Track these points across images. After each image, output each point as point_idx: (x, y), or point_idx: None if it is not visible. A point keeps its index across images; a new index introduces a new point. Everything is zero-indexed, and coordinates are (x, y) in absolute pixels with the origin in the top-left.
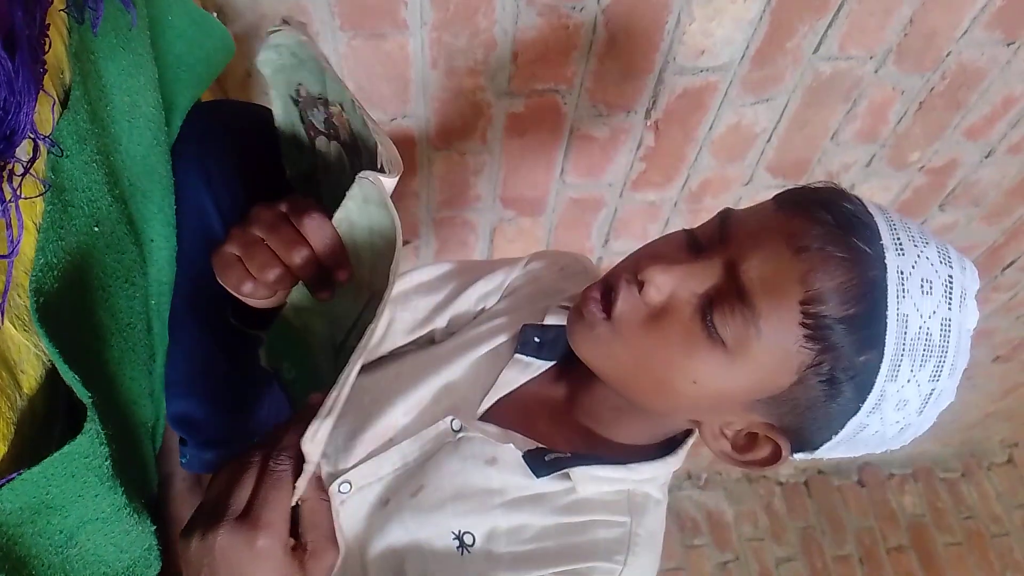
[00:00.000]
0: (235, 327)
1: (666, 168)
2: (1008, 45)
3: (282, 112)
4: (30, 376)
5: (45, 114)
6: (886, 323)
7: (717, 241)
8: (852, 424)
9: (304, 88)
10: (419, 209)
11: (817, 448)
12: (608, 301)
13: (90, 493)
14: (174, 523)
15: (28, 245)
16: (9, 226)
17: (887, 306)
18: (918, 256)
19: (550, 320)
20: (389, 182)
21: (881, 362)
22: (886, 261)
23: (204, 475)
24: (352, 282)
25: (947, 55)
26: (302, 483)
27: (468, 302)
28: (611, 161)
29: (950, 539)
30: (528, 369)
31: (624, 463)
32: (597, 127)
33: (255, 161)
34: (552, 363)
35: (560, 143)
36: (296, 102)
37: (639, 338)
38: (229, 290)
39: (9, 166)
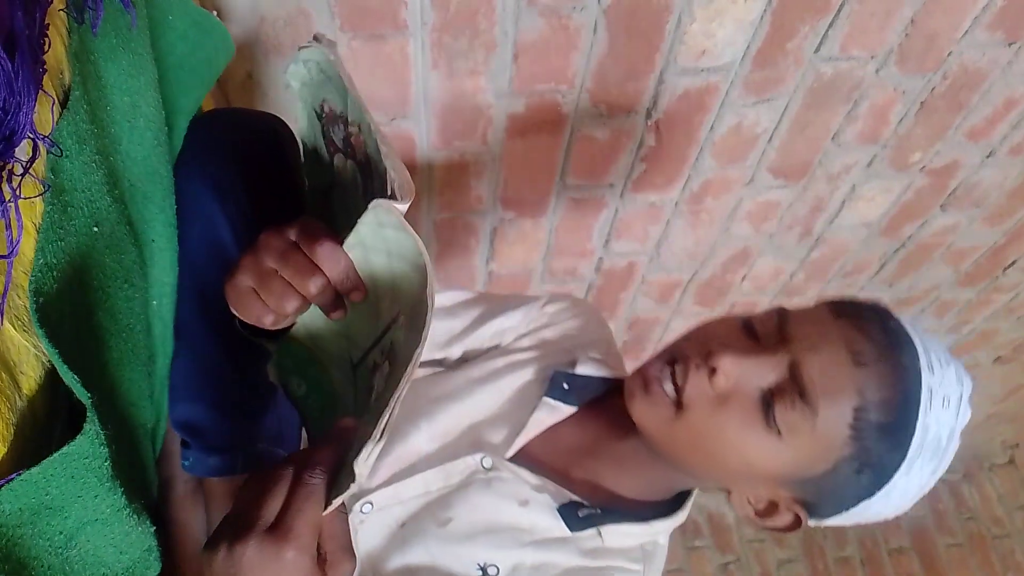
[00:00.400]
0: (242, 336)
1: (667, 169)
2: (1009, 46)
3: (306, 125)
4: (29, 377)
5: (44, 115)
6: (914, 431)
7: (776, 337)
8: (862, 505)
9: (328, 104)
10: (419, 211)
11: (826, 519)
12: (675, 379)
13: (90, 494)
14: (174, 526)
15: (28, 246)
16: (8, 227)
17: (917, 417)
18: (943, 376)
19: (581, 369)
20: (400, 207)
21: (902, 461)
22: (922, 380)
23: (206, 478)
24: (368, 301)
25: (948, 56)
26: (338, 501)
27: (484, 336)
28: (612, 162)
29: (951, 541)
30: (554, 413)
31: (645, 520)
32: (598, 128)
33: (260, 168)
34: (575, 408)
35: (561, 144)
36: (319, 117)
37: (702, 420)
38: (246, 320)
39: (8, 167)
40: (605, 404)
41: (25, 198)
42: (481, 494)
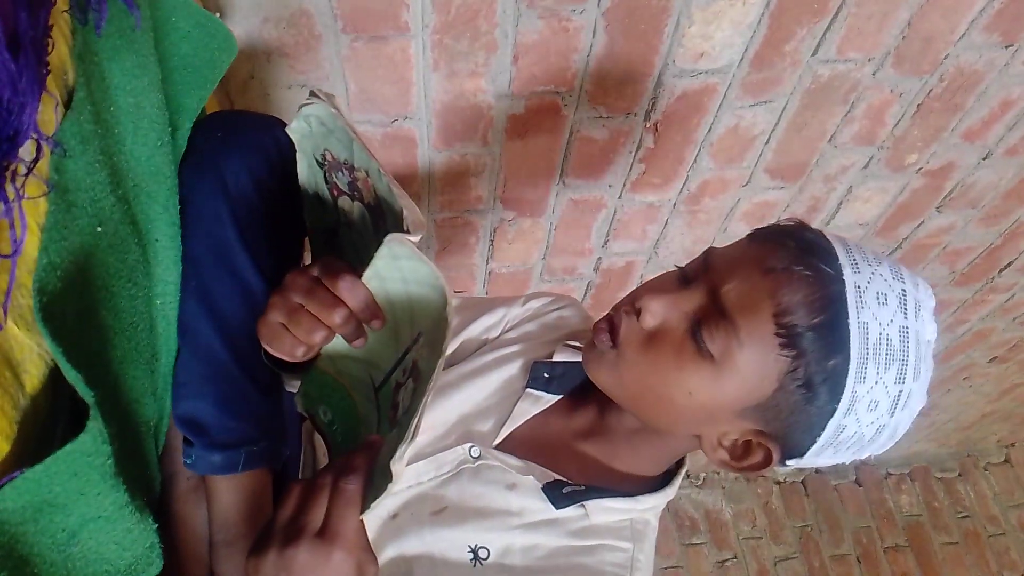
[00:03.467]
0: (270, 367)
1: (665, 170)
2: (1006, 48)
3: (306, 171)
4: (33, 375)
5: (48, 115)
6: (848, 330)
7: (702, 272)
8: (831, 426)
9: (329, 153)
10: (420, 210)
11: (805, 453)
12: (613, 331)
13: (92, 491)
14: (177, 522)
15: (31, 245)
16: (12, 226)
17: (847, 315)
18: (872, 273)
19: (558, 357)
20: (414, 238)
21: (848, 365)
22: (843, 277)
23: (209, 475)
24: (387, 328)
25: (945, 58)
26: (376, 503)
27: (474, 332)
28: (611, 163)
29: (947, 539)
30: (539, 402)
31: (631, 495)
32: (597, 129)
33: (267, 169)
34: (558, 397)
35: (560, 145)
36: (321, 164)
37: (641, 359)
38: (279, 355)
39: (12, 166)
40: (591, 390)
41: (29, 198)
42: (471, 482)
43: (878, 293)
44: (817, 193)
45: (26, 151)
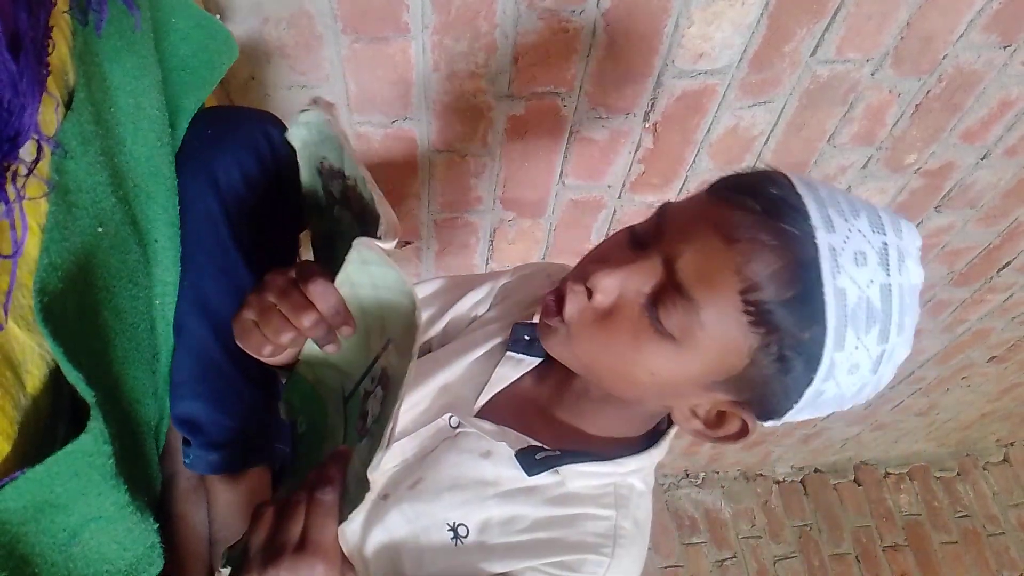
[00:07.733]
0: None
1: (665, 170)
2: (1004, 48)
3: (308, 179)
4: (34, 376)
5: (49, 116)
6: (824, 299)
7: (656, 236)
8: (809, 392)
9: (327, 162)
10: (420, 211)
11: (782, 417)
12: (560, 308)
13: (93, 491)
14: (178, 521)
15: (32, 246)
16: (13, 227)
17: (823, 283)
18: (849, 230)
19: (538, 318)
20: (386, 245)
21: (825, 335)
22: (816, 241)
23: (207, 475)
24: (358, 335)
25: (944, 58)
26: (356, 514)
27: (462, 309)
28: (610, 163)
29: (946, 538)
30: (520, 366)
31: (611, 458)
32: (596, 129)
33: (258, 164)
34: (540, 359)
35: (560, 145)
36: (320, 173)
37: (594, 339)
38: (248, 351)
39: (13, 167)
40: None
41: (30, 198)
42: (447, 453)
43: (856, 253)
44: None
45: (27, 152)
